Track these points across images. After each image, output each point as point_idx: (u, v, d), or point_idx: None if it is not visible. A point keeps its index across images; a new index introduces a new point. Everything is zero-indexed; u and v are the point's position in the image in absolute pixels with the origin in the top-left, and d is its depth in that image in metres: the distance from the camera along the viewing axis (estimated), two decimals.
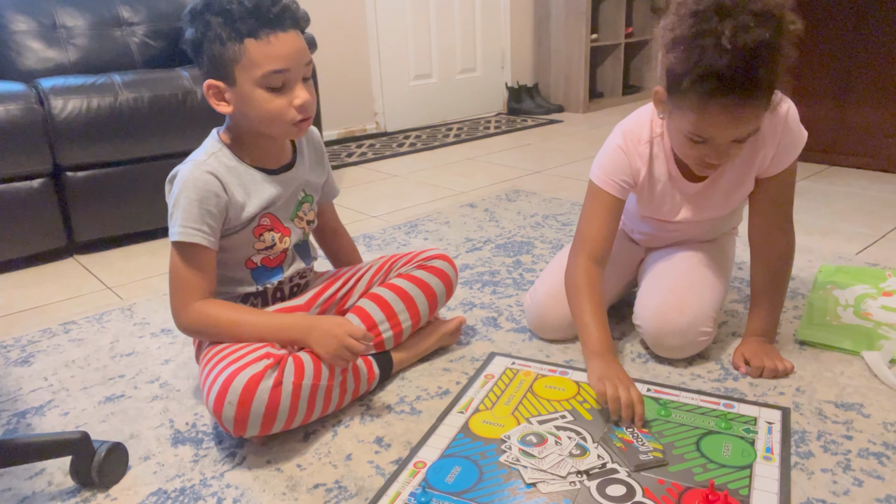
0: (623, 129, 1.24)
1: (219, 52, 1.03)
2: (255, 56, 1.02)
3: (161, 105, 2.02)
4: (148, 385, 1.28)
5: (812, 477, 0.95)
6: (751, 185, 1.22)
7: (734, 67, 0.95)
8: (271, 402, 0.98)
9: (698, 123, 1.03)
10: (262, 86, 1.04)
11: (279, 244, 1.17)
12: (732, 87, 0.97)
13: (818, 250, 1.78)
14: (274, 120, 1.07)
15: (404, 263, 1.30)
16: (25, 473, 1.03)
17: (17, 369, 1.36)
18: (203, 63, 1.07)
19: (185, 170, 1.08)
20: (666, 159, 1.22)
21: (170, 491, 0.98)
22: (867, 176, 2.47)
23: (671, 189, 1.25)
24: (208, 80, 1.07)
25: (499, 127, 3.84)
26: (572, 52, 4.15)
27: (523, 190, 2.51)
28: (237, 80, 1.04)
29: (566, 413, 1.10)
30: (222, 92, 1.07)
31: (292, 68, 1.05)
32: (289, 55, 1.04)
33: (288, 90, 1.06)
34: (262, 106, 1.05)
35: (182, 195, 1.06)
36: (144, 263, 1.96)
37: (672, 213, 1.28)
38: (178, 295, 1.08)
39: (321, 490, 0.97)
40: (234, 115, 1.09)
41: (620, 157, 1.22)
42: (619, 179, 1.23)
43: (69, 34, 2.30)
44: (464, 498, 0.92)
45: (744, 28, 0.94)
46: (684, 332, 1.21)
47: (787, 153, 1.17)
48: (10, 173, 1.85)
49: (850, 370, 1.21)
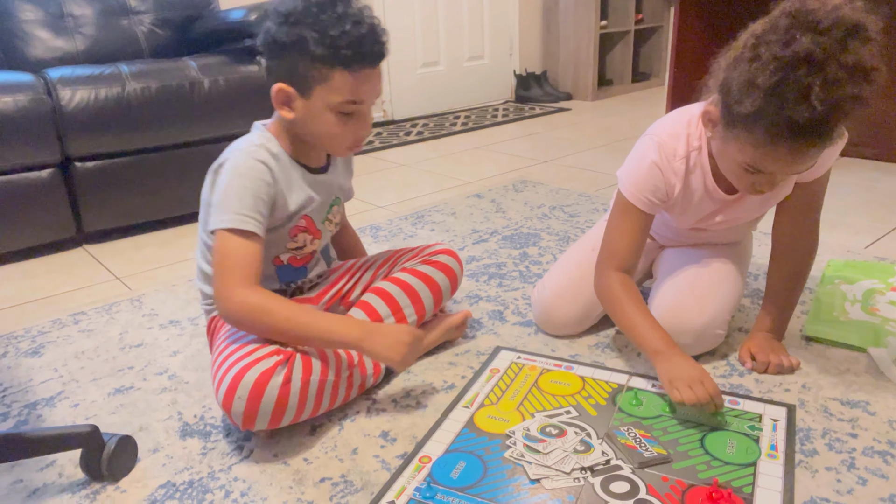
0: (658, 142, 1.16)
1: (304, 67, 1.02)
2: (339, 84, 1.03)
3: (168, 95, 2.02)
4: (157, 377, 1.29)
5: (816, 475, 0.95)
6: (789, 190, 1.17)
7: (816, 121, 0.88)
8: (280, 398, 0.99)
9: (759, 159, 0.98)
10: (334, 110, 1.05)
11: (309, 246, 1.19)
12: (808, 135, 0.91)
13: (826, 244, 1.77)
14: (332, 141, 1.10)
15: (410, 258, 1.31)
16: (36, 465, 1.04)
17: (27, 360, 1.38)
18: (278, 65, 1.05)
19: (236, 158, 1.07)
20: (703, 173, 1.16)
21: (178, 483, 0.99)
22: (878, 167, 2.45)
23: (707, 200, 1.20)
24: (280, 84, 1.05)
25: (506, 115, 3.83)
26: (581, 39, 4.12)
27: (530, 180, 2.51)
28: (313, 97, 1.05)
29: (571, 408, 1.11)
30: (291, 99, 1.06)
31: (367, 101, 1.07)
32: (370, 90, 1.06)
33: (355, 119, 1.08)
34: (327, 127, 1.07)
35: (235, 182, 1.04)
36: (153, 254, 1.97)
37: (704, 221, 1.25)
38: (229, 280, 1.02)
39: (327, 484, 0.98)
40: (293, 121, 1.09)
41: (655, 174, 1.16)
42: (653, 196, 1.17)
43: (77, 23, 2.30)
44: (468, 493, 0.93)
45: (835, 83, 0.86)
46: (699, 332, 1.20)
47: (829, 157, 1.12)
48: (20, 164, 1.86)
49: (856, 367, 1.21)
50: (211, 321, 1.19)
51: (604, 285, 1.22)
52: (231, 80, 2.13)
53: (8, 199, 1.86)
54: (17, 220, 1.89)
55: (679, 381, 1.05)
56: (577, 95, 4.24)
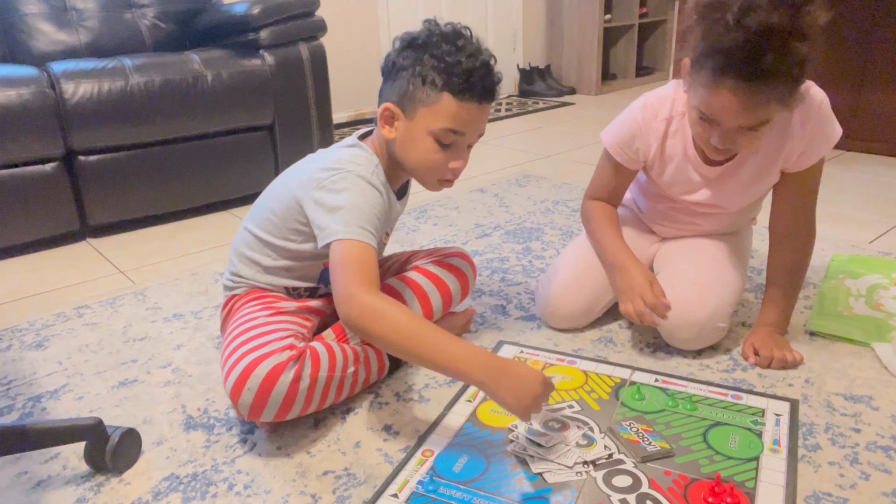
0: (645, 102, 1.24)
1: (414, 88, 1.04)
2: (444, 109, 1.03)
3: (172, 89, 2.02)
4: (160, 370, 1.30)
5: (819, 470, 0.95)
6: (776, 177, 1.20)
7: (739, 48, 0.94)
8: (289, 393, 0.99)
9: (707, 101, 1.02)
10: (434, 136, 1.05)
11: None
12: (739, 69, 0.95)
13: (831, 238, 1.77)
14: (425, 169, 1.10)
15: (423, 256, 1.31)
16: (41, 458, 1.05)
17: (31, 353, 1.38)
18: (392, 85, 1.07)
19: (361, 175, 1.06)
20: (684, 138, 1.21)
21: (182, 476, 1.00)
22: (883, 162, 2.44)
23: (687, 169, 1.23)
24: (388, 103, 1.07)
25: (510, 109, 3.82)
26: (585, 32, 4.11)
27: (534, 175, 2.50)
28: (416, 119, 1.05)
29: (573, 403, 1.11)
30: (395, 119, 1.08)
31: (468, 134, 1.07)
32: (473, 123, 1.06)
33: (452, 150, 1.08)
34: (424, 153, 1.07)
35: (361, 199, 1.03)
36: (157, 247, 1.97)
37: (684, 192, 1.27)
38: (354, 281, 0.96)
39: (330, 477, 0.98)
40: (392, 142, 1.10)
41: (634, 129, 1.24)
42: (629, 151, 1.25)
43: (80, 16, 2.30)
44: (471, 487, 0.93)
45: (753, 8, 0.92)
46: (702, 325, 1.20)
47: (818, 148, 1.14)
48: (24, 157, 1.86)
49: (859, 362, 1.21)
50: (229, 299, 1.20)
51: (583, 209, 1.38)
52: (234, 73, 2.13)
53: (12, 192, 1.86)
54: (22, 214, 1.90)
55: (623, 293, 1.18)
56: (580, 90, 4.23)
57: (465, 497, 0.91)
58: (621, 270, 1.23)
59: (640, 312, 1.17)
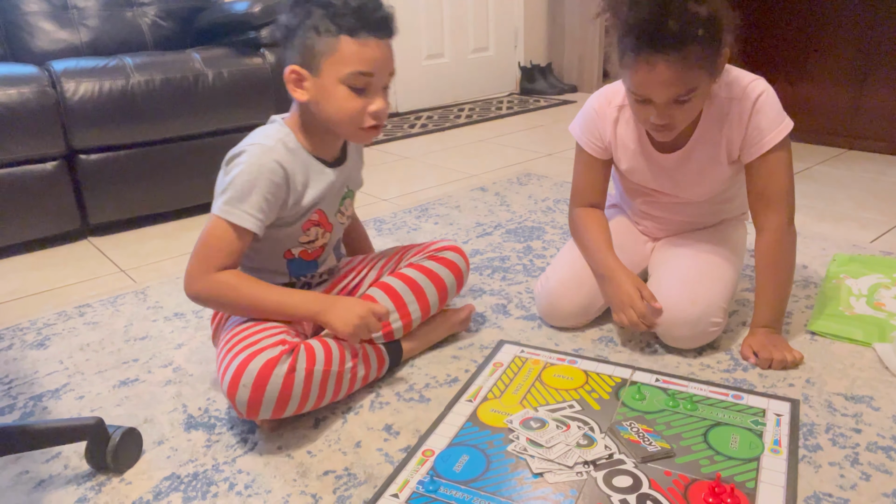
0: (600, 91, 1.30)
1: (312, 42, 1.04)
2: (346, 53, 1.03)
3: (173, 87, 2.02)
4: (161, 369, 1.30)
5: (819, 470, 0.95)
6: (725, 166, 1.23)
7: (644, 21, 1.00)
8: (285, 387, 1.00)
9: (632, 80, 1.08)
10: (345, 83, 1.05)
11: (320, 239, 1.19)
12: (649, 40, 1.01)
13: (832, 238, 1.76)
14: (347, 120, 1.08)
15: (416, 253, 1.31)
16: (42, 457, 1.05)
17: (33, 352, 1.38)
18: (292, 48, 1.07)
19: (253, 153, 1.06)
20: (636, 126, 1.26)
21: (183, 476, 1.00)
22: (885, 160, 2.44)
23: (642, 157, 1.28)
24: (292, 65, 1.07)
25: (511, 107, 3.82)
26: (587, 30, 4.10)
27: (535, 173, 2.50)
28: (322, 72, 1.05)
29: (574, 402, 1.11)
30: (303, 80, 1.07)
31: (378, 74, 1.06)
32: (378, 61, 1.05)
33: (367, 94, 1.07)
34: (339, 103, 1.06)
35: (245, 177, 1.04)
36: (158, 246, 1.97)
37: (646, 180, 1.32)
38: (203, 263, 1.05)
39: (331, 477, 0.98)
40: (308, 104, 1.09)
41: (591, 117, 1.30)
42: (593, 138, 1.30)
43: (81, 15, 2.30)
44: (471, 487, 0.93)
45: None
46: (695, 323, 1.20)
47: (762, 137, 1.17)
48: (25, 156, 1.86)
49: (860, 362, 1.21)
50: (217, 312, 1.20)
51: (570, 220, 1.38)
52: (235, 72, 2.12)
53: (13, 191, 1.86)
54: (23, 213, 1.90)
55: (614, 304, 1.20)
56: (582, 88, 4.22)
57: (465, 497, 0.91)
58: (609, 280, 1.25)
59: (634, 323, 1.20)
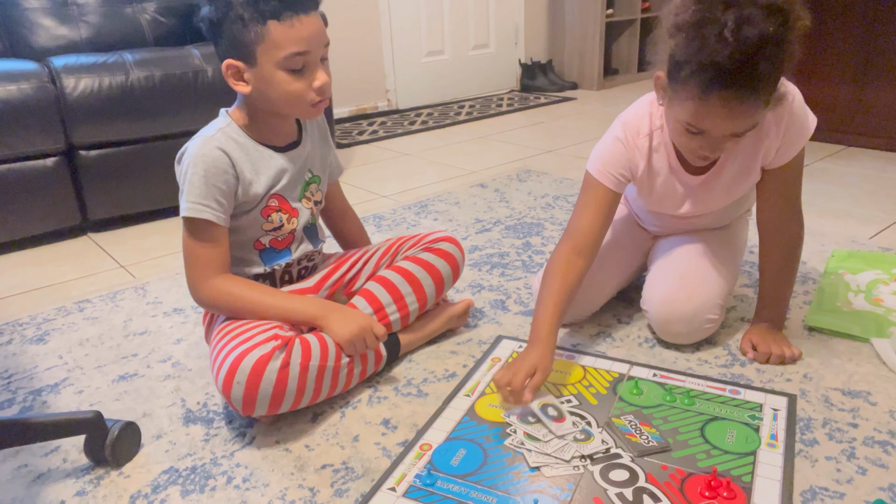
0: (623, 121, 1.21)
1: (240, 33, 1.03)
2: (277, 38, 1.02)
3: (172, 83, 2.02)
4: (160, 364, 1.30)
5: (816, 465, 0.95)
6: (756, 176, 1.19)
7: (735, 60, 0.92)
8: (279, 382, 1.00)
9: (696, 114, 1.01)
10: (283, 67, 1.05)
11: (287, 225, 1.18)
12: (733, 80, 0.94)
13: (831, 234, 1.76)
14: (294, 101, 1.08)
15: (411, 246, 1.31)
16: (41, 451, 1.06)
17: (32, 347, 1.39)
18: (222, 43, 1.07)
19: (194, 146, 1.09)
20: (666, 151, 1.20)
21: (181, 469, 1.00)
22: (885, 157, 2.43)
23: (672, 182, 1.23)
24: (228, 60, 1.07)
25: (511, 104, 3.81)
26: (587, 27, 4.10)
27: (534, 170, 2.50)
28: (258, 62, 1.05)
29: (572, 397, 1.11)
30: (242, 72, 1.07)
31: (313, 50, 1.06)
32: (310, 37, 1.05)
33: (308, 72, 1.07)
34: (282, 87, 1.06)
35: (191, 171, 1.06)
36: (157, 242, 1.98)
37: (675, 206, 1.26)
38: (195, 270, 1.09)
39: (328, 470, 0.98)
40: (251, 94, 1.10)
41: (619, 149, 1.20)
42: (617, 172, 1.20)
43: (81, 11, 2.30)
44: (468, 480, 0.93)
45: (748, 20, 0.91)
46: (690, 319, 1.21)
47: (795, 143, 1.14)
48: (25, 152, 1.87)
49: (858, 357, 1.21)
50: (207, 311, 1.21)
51: (552, 257, 1.21)
52: None
53: (13, 187, 1.87)
54: (22, 208, 1.90)
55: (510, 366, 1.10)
56: (582, 85, 4.22)
57: (462, 491, 0.91)
58: (529, 343, 1.14)
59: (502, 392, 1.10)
